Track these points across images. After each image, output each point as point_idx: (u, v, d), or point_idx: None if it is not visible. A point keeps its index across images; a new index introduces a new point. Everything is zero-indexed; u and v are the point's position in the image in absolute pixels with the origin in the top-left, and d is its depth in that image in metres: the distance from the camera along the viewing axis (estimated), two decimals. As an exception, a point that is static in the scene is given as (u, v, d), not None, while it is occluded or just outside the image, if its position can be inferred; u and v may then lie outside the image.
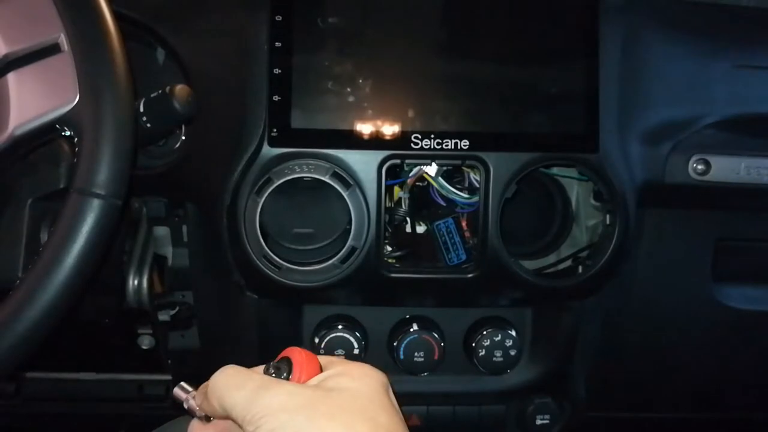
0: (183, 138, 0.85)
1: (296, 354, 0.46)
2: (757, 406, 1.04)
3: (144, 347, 1.05)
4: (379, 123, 0.77)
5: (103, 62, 0.58)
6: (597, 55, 0.78)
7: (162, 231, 0.97)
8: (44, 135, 0.59)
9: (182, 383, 0.49)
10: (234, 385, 0.42)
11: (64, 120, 0.58)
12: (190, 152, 0.82)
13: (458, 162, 0.79)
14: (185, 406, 0.48)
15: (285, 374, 0.45)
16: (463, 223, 0.83)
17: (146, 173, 0.84)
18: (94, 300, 0.91)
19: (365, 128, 0.77)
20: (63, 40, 0.58)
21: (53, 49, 0.58)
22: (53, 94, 0.58)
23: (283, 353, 0.47)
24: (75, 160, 0.58)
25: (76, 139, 0.58)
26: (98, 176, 0.56)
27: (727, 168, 0.82)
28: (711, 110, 0.83)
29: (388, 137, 0.77)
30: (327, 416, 0.40)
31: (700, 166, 0.82)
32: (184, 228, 0.93)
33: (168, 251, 0.97)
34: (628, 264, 0.88)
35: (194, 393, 0.48)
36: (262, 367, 0.46)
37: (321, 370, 0.46)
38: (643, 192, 0.82)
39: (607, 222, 0.82)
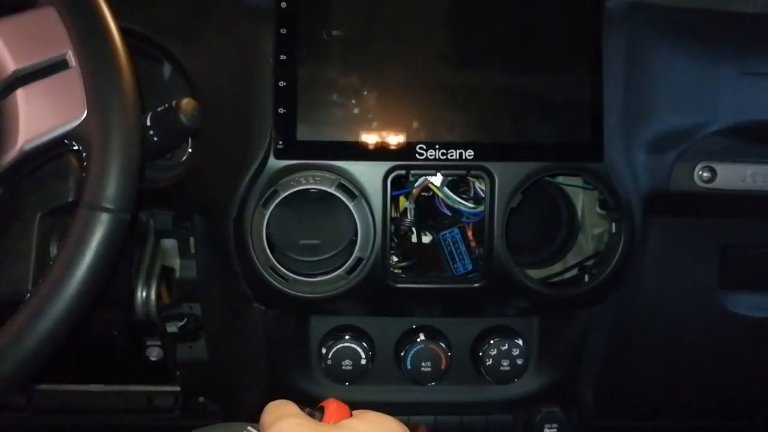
0: (190, 151, 0.85)
1: (330, 403, 0.51)
2: (766, 413, 1.03)
3: (152, 359, 1.06)
4: (384, 134, 0.77)
5: (110, 77, 0.58)
6: (601, 64, 0.79)
7: (169, 243, 0.98)
8: (53, 150, 0.60)
9: (249, 427, 0.53)
10: (271, 410, 0.49)
11: (72, 135, 0.58)
12: (197, 165, 0.83)
13: (463, 172, 0.79)
14: None
15: (316, 418, 0.50)
16: (469, 233, 0.83)
17: (153, 186, 0.85)
18: (102, 312, 0.91)
19: (370, 139, 0.77)
20: (71, 56, 0.59)
21: (61, 65, 0.59)
22: (61, 109, 0.58)
23: (325, 402, 0.52)
24: (83, 174, 0.58)
25: (84, 154, 0.58)
26: (107, 191, 0.57)
27: (733, 175, 0.82)
28: (716, 118, 0.83)
29: (393, 148, 0.77)
30: None
31: (705, 174, 0.82)
32: (192, 240, 0.94)
33: (176, 263, 0.98)
34: (635, 272, 0.88)
35: None
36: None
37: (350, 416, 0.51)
38: (649, 200, 0.82)
39: (613, 230, 0.82)
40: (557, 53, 0.80)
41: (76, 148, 0.60)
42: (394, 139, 0.77)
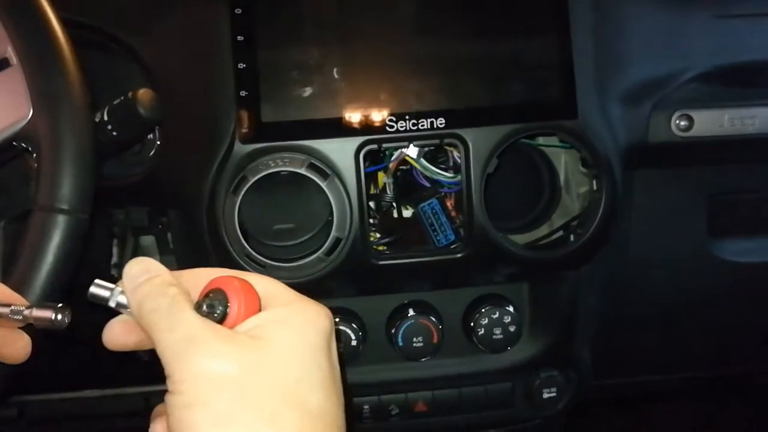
0: (158, 143, 0.83)
1: (232, 289, 0.41)
2: (763, 358, 1.03)
3: (145, 359, 1.04)
4: (352, 109, 0.75)
5: (54, 73, 0.56)
6: (568, 19, 0.77)
7: (148, 240, 0.96)
8: (3, 153, 0.58)
9: (97, 281, 0.44)
10: (165, 326, 0.39)
11: (20, 136, 0.56)
12: (165, 157, 0.81)
13: (436, 141, 0.77)
14: (111, 304, 0.44)
15: (219, 312, 0.40)
16: (450, 204, 0.82)
17: (125, 183, 0.83)
18: (87, 316, 0.90)
19: (338, 116, 0.75)
20: (11, 54, 0.57)
21: (2, 64, 0.57)
22: (7, 109, 0.56)
23: (219, 283, 0.42)
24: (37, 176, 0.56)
25: (35, 155, 0.56)
26: (61, 191, 0.55)
27: (711, 121, 0.80)
28: (691, 64, 0.81)
29: (362, 122, 0.75)
30: (251, 404, 0.37)
31: (683, 122, 0.80)
32: (169, 235, 0.92)
33: (156, 260, 0.96)
34: (621, 228, 0.87)
35: (120, 288, 0.44)
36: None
37: (259, 307, 0.42)
38: (628, 154, 0.80)
39: (594, 188, 0.80)
40: (522, 11, 0.78)
41: (27, 149, 0.58)
42: (363, 113, 0.75)
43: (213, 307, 0.41)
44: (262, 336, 0.40)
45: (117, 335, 0.46)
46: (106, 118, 0.68)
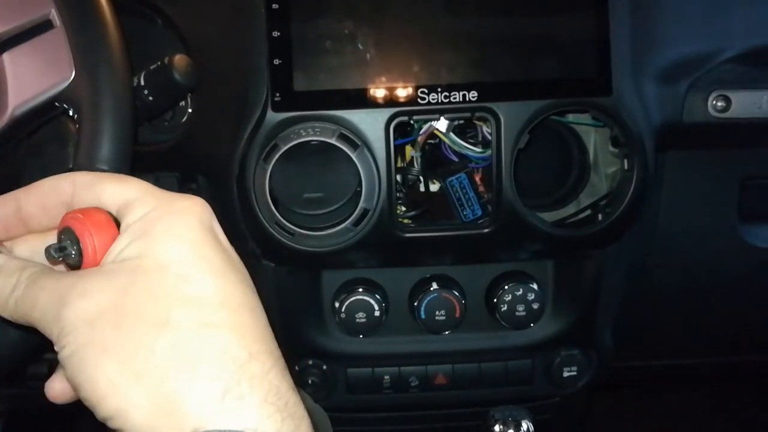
0: (190, 111, 0.84)
1: (79, 225, 0.37)
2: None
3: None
4: (383, 80, 0.75)
5: (96, 35, 0.57)
6: None
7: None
8: (44, 113, 0.59)
9: None
10: (30, 306, 0.37)
11: (62, 97, 0.57)
12: (197, 123, 0.82)
13: (468, 115, 0.77)
14: None
15: (74, 254, 0.37)
16: (477, 178, 0.82)
17: (156, 148, 0.84)
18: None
19: (370, 86, 0.75)
20: (54, 16, 0.57)
21: (46, 26, 0.57)
22: (49, 71, 0.57)
23: (67, 220, 0.38)
24: (77, 137, 0.57)
25: (76, 116, 0.57)
26: (100, 151, 0.56)
27: (749, 102, 0.79)
28: (729, 44, 0.80)
29: (394, 94, 0.75)
30: (137, 317, 0.35)
31: (720, 103, 0.79)
32: (198, 201, 0.93)
33: None
34: (650, 209, 0.86)
35: None
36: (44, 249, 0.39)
37: (117, 227, 0.38)
38: (662, 134, 0.79)
39: (625, 167, 0.80)
40: (560, -15, 0.77)
41: (68, 110, 0.59)
42: (395, 85, 0.75)
43: (65, 249, 0.37)
44: (129, 256, 0.36)
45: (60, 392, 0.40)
46: (142, 83, 0.69)
